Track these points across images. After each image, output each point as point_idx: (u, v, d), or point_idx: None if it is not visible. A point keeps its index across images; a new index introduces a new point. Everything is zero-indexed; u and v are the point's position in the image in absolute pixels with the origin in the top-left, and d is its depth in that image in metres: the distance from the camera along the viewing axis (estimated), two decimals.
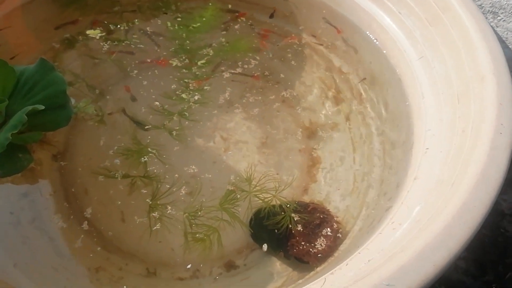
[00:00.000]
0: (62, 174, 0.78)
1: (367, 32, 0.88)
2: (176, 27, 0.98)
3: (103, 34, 0.96)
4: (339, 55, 0.92)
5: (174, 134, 0.83)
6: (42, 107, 0.68)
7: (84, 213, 0.74)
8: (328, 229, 0.70)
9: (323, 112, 0.86)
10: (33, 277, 0.66)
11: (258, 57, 0.94)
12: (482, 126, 0.58)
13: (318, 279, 0.52)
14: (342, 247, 0.69)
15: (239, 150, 0.82)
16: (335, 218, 0.72)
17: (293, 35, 0.96)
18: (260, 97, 0.89)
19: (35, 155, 0.79)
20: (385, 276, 0.44)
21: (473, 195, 0.50)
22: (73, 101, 0.83)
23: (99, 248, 0.71)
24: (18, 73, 0.72)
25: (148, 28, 0.98)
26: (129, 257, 0.71)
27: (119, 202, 0.75)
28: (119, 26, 0.97)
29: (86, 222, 0.73)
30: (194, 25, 0.98)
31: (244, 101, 0.88)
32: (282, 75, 0.91)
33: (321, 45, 0.94)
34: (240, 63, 0.93)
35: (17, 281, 0.65)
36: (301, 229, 0.70)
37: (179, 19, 0.99)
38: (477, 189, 0.50)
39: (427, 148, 0.66)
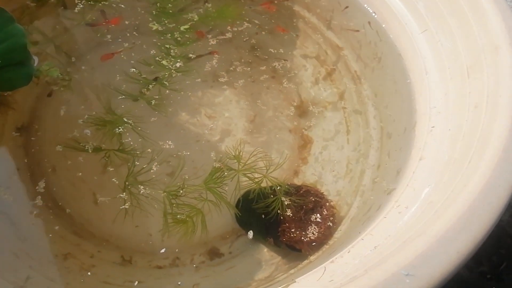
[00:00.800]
0: (26, 149, 0.72)
1: (365, 5, 0.83)
2: None
3: None
4: (334, 30, 0.87)
5: (153, 103, 0.77)
6: None
7: (50, 193, 0.69)
8: (322, 214, 0.65)
9: (315, 90, 0.81)
10: None
11: (246, 26, 0.88)
12: (499, 100, 0.53)
13: (317, 268, 0.47)
14: (337, 234, 0.64)
15: (226, 127, 0.77)
16: (329, 202, 0.66)
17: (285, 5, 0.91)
18: (248, 69, 0.83)
19: None
20: (403, 264, 0.39)
21: (496, 173, 0.45)
22: (36, 61, 0.77)
23: (65, 232, 0.66)
24: None
25: None
26: (102, 243, 0.66)
27: (90, 181, 0.70)
28: None
29: (52, 203, 0.68)
30: None
31: (231, 69, 0.83)
32: (271, 49, 0.86)
33: (316, 18, 0.89)
34: (229, 27, 0.88)
35: None
36: (293, 214, 0.64)
37: None
38: (500, 166, 0.46)
39: (433, 127, 0.62)
